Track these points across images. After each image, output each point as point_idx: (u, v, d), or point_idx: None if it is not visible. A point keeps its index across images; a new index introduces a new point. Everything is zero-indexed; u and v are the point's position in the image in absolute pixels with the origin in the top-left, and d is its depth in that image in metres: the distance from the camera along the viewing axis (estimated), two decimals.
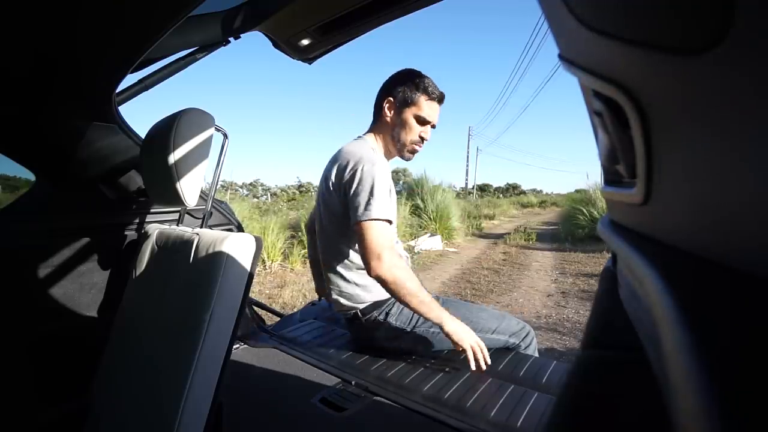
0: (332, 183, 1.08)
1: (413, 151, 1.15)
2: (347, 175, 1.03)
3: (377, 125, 1.17)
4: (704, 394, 0.11)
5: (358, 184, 1.00)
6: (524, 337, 1.17)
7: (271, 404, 0.97)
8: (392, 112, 1.12)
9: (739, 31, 0.11)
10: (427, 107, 1.10)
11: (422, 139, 1.14)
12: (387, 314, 1.12)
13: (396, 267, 0.95)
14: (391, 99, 1.12)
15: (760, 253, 0.13)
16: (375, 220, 0.97)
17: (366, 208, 0.98)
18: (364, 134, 1.18)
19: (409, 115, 1.11)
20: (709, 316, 0.14)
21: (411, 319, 1.11)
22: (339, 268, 1.13)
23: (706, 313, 0.14)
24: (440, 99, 1.13)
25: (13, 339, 0.88)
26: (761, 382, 0.11)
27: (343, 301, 1.14)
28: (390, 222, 1.00)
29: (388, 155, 1.17)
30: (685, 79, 0.14)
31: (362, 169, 1.01)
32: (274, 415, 0.93)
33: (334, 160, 1.11)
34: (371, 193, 0.99)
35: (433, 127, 1.16)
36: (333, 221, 1.10)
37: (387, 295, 1.09)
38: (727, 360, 0.12)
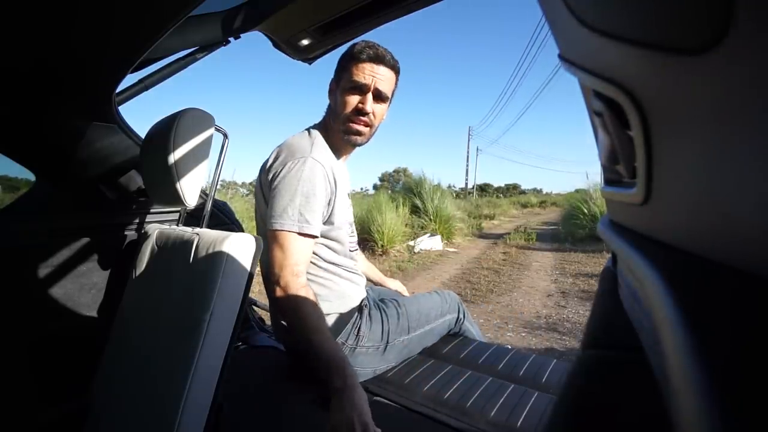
0: (262, 178, 0.93)
1: (354, 132, 0.93)
2: (274, 169, 0.87)
3: (325, 116, 1.01)
4: (704, 395, 0.11)
5: (280, 183, 0.84)
6: (459, 308, 1.22)
7: (271, 404, 0.97)
8: (332, 93, 0.97)
9: (739, 31, 0.11)
10: (357, 70, 0.90)
11: (360, 111, 0.91)
12: (357, 336, 0.96)
13: (293, 298, 0.78)
14: (332, 81, 0.97)
15: (760, 253, 0.13)
16: (287, 231, 0.82)
17: (281, 215, 0.82)
18: (309, 127, 1.00)
19: (342, 86, 0.92)
20: (709, 317, 0.14)
21: (382, 335, 1.00)
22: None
23: (707, 313, 0.14)
24: (373, 58, 0.90)
25: (13, 339, 0.88)
26: (762, 383, 0.11)
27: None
28: (310, 236, 0.84)
29: (339, 149, 0.99)
30: (685, 79, 0.14)
31: (289, 166, 0.85)
32: (274, 415, 0.93)
33: (267, 158, 0.94)
34: (291, 198, 0.82)
35: (379, 95, 0.93)
36: (264, 223, 0.92)
37: (349, 307, 0.97)
38: (727, 361, 0.12)
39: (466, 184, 25.94)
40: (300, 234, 0.83)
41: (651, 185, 0.19)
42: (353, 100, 0.92)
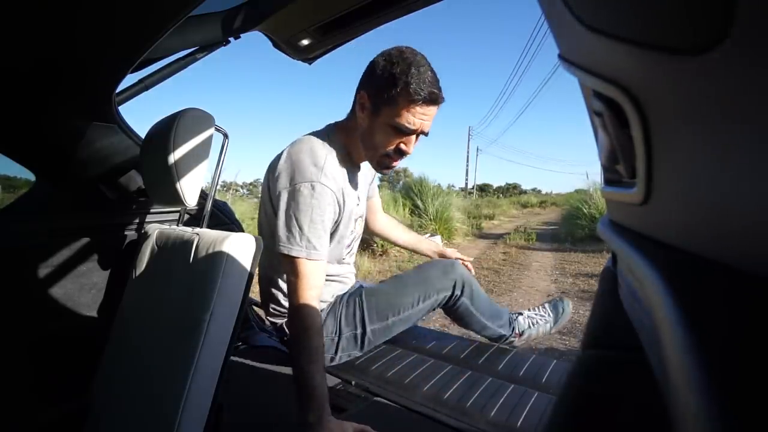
0: (269, 187, 0.92)
1: (387, 167, 0.90)
2: (281, 186, 0.85)
3: (350, 121, 0.93)
4: (704, 394, 0.11)
5: (288, 206, 0.83)
6: (456, 285, 1.10)
7: (271, 404, 0.97)
8: (365, 111, 0.86)
9: (739, 31, 0.11)
10: (408, 113, 0.81)
11: (401, 152, 0.87)
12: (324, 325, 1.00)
13: (303, 324, 0.79)
14: (365, 94, 0.86)
15: (759, 253, 0.13)
16: (296, 258, 0.82)
17: (288, 239, 0.82)
18: (331, 127, 0.96)
19: (383, 120, 0.84)
20: (709, 317, 0.14)
21: (356, 323, 1.03)
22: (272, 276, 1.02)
23: (706, 313, 0.14)
24: (429, 100, 0.81)
25: (13, 339, 0.88)
26: (761, 382, 0.11)
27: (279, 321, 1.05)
28: (314, 264, 0.83)
29: (356, 158, 0.96)
30: (685, 79, 0.14)
31: (297, 189, 0.83)
32: (274, 416, 0.93)
33: (277, 159, 0.91)
34: (300, 224, 0.82)
35: (423, 134, 0.88)
36: (267, 223, 0.94)
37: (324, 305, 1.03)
38: (726, 360, 0.12)
39: (466, 183, 25.98)
40: (309, 260, 0.83)
41: (651, 185, 0.19)
42: (396, 140, 0.86)
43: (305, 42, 1.02)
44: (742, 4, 0.10)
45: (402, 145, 0.86)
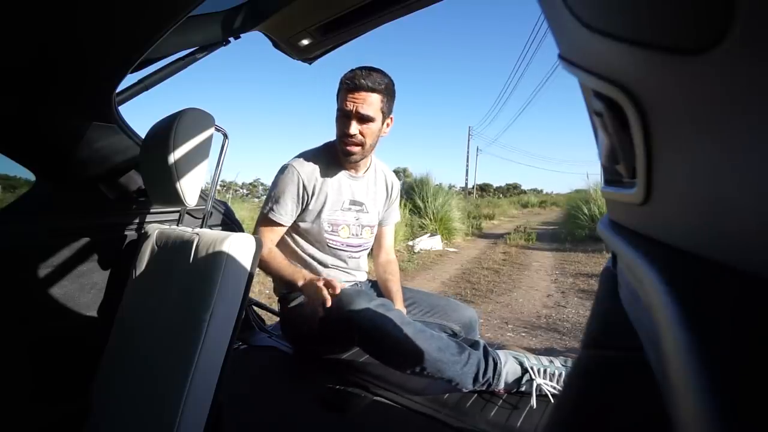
0: None
1: (345, 152, 1.11)
2: None
3: None
4: (704, 395, 0.11)
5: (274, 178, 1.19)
6: (470, 331, 1.22)
7: (271, 404, 0.97)
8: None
9: (739, 31, 0.11)
10: (342, 100, 1.07)
11: (345, 134, 1.07)
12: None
13: (262, 259, 1.08)
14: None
15: (759, 253, 0.13)
16: (261, 212, 1.16)
17: (264, 201, 1.17)
18: (330, 142, 1.23)
19: (336, 116, 1.11)
20: (709, 316, 0.14)
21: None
22: None
23: (706, 313, 0.14)
24: (351, 88, 1.04)
25: (13, 339, 0.88)
26: (761, 382, 0.11)
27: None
28: (275, 221, 1.12)
29: (342, 163, 1.18)
30: (685, 80, 0.14)
31: (281, 168, 1.16)
32: (274, 416, 0.93)
33: None
34: (270, 192, 1.15)
35: (362, 118, 1.06)
36: None
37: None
38: (727, 360, 0.12)
39: (466, 183, 25.95)
40: (267, 217, 1.13)
41: (651, 185, 0.19)
42: (341, 125, 1.09)
43: (305, 42, 1.02)
44: (742, 3, 0.10)
45: (344, 129, 1.08)
